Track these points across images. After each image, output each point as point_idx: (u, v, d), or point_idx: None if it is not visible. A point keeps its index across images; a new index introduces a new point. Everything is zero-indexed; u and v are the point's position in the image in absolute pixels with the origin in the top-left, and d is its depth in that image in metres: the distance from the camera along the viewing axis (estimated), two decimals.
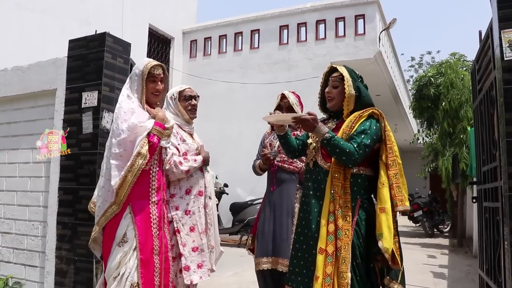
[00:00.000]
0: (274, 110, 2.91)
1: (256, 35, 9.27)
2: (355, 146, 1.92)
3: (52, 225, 3.20)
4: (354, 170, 1.98)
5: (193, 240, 2.50)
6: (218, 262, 2.74)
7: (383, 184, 1.94)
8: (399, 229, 2.10)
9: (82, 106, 3.17)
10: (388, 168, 1.95)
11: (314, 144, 2.08)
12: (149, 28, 8.61)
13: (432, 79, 8.98)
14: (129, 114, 2.19)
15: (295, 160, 2.79)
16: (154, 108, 2.36)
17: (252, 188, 8.08)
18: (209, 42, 9.74)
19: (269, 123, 2.50)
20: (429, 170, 10.76)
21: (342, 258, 1.86)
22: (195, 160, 2.57)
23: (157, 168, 2.29)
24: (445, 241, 9.23)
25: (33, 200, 3.41)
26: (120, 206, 2.14)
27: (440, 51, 28.91)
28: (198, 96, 2.92)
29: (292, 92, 2.90)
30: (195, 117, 2.91)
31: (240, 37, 9.42)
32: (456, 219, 8.98)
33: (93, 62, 3.17)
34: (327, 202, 1.95)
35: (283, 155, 2.77)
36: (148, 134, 2.18)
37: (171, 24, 9.30)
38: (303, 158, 2.47)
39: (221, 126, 8.89)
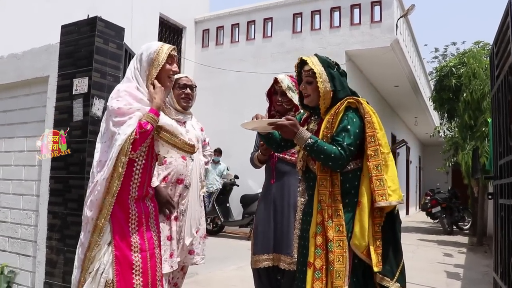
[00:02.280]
0: (267, 94, 2.78)
1: (269, 23, 9.04)
2: (339, 148, 1.74)
3: (43, 215, 3.13)
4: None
5: (169, 228, 2.39)
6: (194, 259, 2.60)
7: (364, 176, 1.77)
8: (416, 225, 1.92)
9: (73, 93, 3.07)
10: (368, 159, 1.75)
11: (302, 151, 1.92)
12: (160, 17, 8.50)
13: (453, 69, 8.60)
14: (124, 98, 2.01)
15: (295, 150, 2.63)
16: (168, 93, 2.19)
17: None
18: (222, 31, 9.57)
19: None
20: (450, 164, 10.39)
21: (336, 272, 1.70)
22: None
23: (143, 161, 2.07)
24: (464, 239, 8.88)
25: (27, 189, 3.35)
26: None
27: (466, 42, 27.88)
28: (195, 86, 2.80)
29: (290, 76, 2.72)
30: (189, 106, 2.80)
31: (252, 26, 9.22)
32: (477, 216, 8.61)
33: (84, 48, 3.06)
34: (315, 212, 1.80)
35: None
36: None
37: (183, 13, 9.16)
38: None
39: (233, 116, 8.72)
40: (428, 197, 11.37)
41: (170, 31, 9.05)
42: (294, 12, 8.69)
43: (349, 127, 1.77)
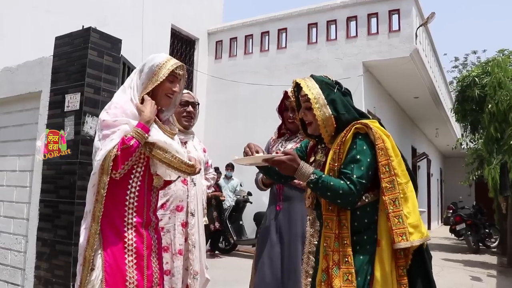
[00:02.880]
0: (279, 110, 2.52)
1: (284, 34, 8.78)
2: (348, 183, 1.48)
3: (32, 241, 2.91)
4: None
5: (166, 262, 2.12)
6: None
7: (381, 211, 1.51)
8: (439, 241, 1.62)
9: (65, 110, 2.86)
10: (383, 193, 1.48)
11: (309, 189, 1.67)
12: (172, 29, 8.34)
13: (476, 79, 8.20)
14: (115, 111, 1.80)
15: None
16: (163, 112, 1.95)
17: None
18: (235, 42, 9.36)
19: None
20: (473, 178, 9.90)
21: None
22: None
23: (139, 183, 1.83)
24: (493, 259, 8.29)
25: (17, 211, 3.15)
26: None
27: (487, 50, 27.09)
28: (198, 104, 2.59)
29: None
30: (191, 125, 2.57)
31: (266, 37, 8.98)
32: (506, 234, 8.06)
33: (77, 61, 2.86)
34: (321, 257, 1.55)
35: None
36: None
37: (196, 24, 9.00)
38: None
39: (246, 130, 8.46)
40: (451, 211, 10.84)
41: (182, 43, 8.89)
42: (309, 22, 8.41)
43: (358, 156, 1.51)
